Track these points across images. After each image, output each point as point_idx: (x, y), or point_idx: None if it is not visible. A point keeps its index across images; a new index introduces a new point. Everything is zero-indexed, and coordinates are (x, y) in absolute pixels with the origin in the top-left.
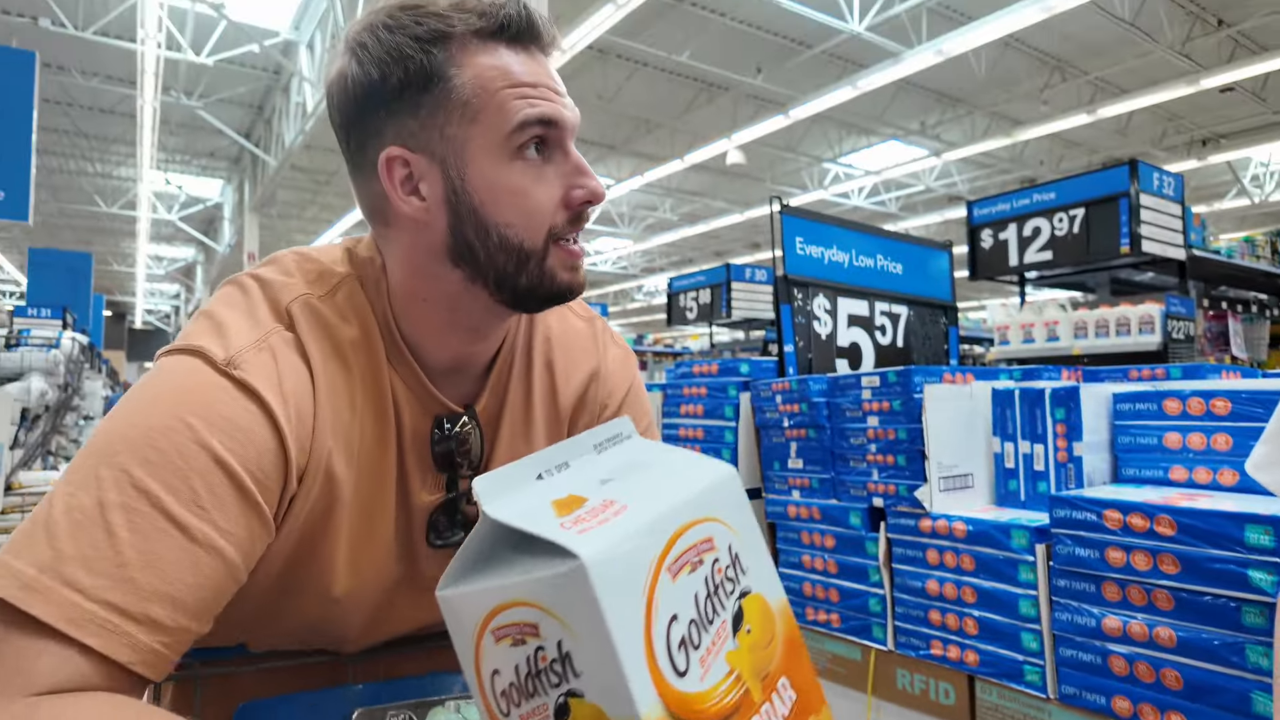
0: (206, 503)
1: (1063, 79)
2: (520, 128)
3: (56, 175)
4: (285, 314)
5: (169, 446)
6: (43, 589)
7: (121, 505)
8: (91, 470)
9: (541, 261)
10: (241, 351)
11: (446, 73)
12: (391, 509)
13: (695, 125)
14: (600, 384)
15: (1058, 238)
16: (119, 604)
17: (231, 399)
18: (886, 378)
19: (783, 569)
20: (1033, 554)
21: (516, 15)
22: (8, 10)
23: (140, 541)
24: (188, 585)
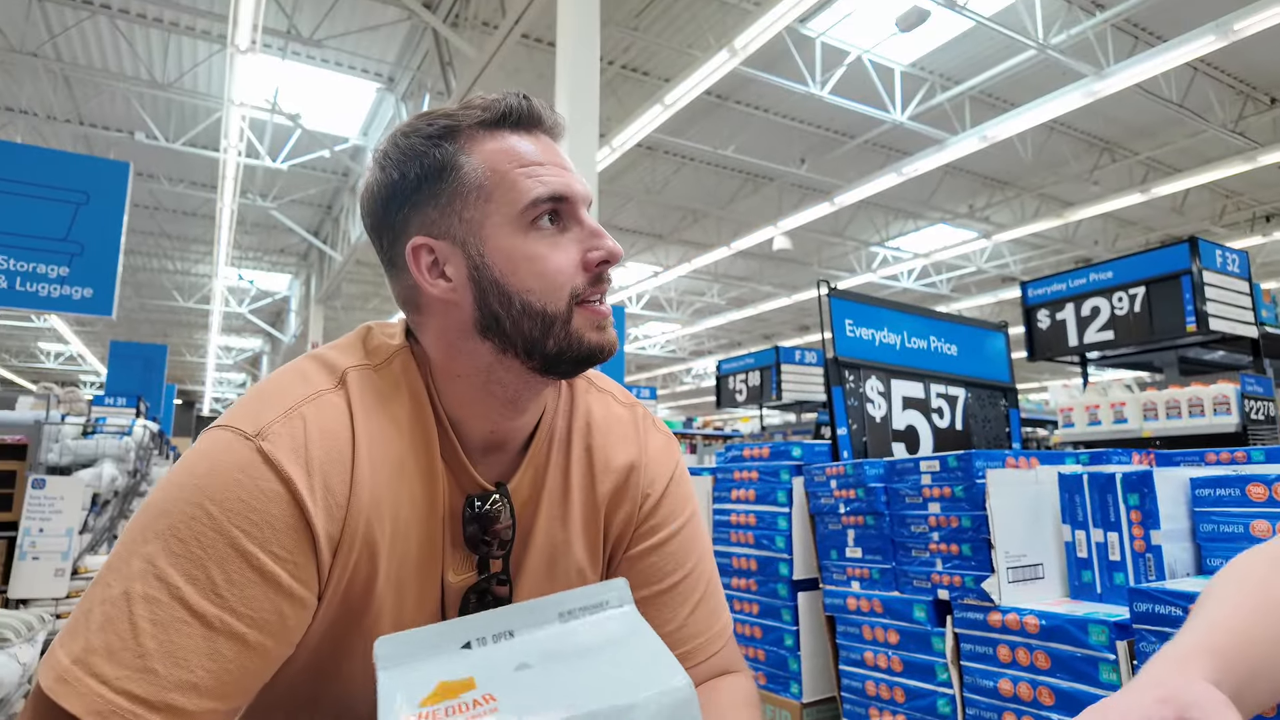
0: (224, 590)
1: (1112, 160)
2: (532, 204)
3: (140, 273)
4: (341, 378)
5: (189, 536)
6: (73, 680)
7: (144, 597)
8: (125, 557)
9: (567, 324)
10: (271, 423)
11: (458, 161)
12: (436, 586)
13: (741, 214)
14: (641, 474)
15: (1118, 317)
16: (139, 694)
17: (251, 480)
18: (946, 462)
19: (844, 665)
20: (1114, 651)
21: (518, 104)
22: (108, 126)
23: (160, 632)
24: (208, 671)
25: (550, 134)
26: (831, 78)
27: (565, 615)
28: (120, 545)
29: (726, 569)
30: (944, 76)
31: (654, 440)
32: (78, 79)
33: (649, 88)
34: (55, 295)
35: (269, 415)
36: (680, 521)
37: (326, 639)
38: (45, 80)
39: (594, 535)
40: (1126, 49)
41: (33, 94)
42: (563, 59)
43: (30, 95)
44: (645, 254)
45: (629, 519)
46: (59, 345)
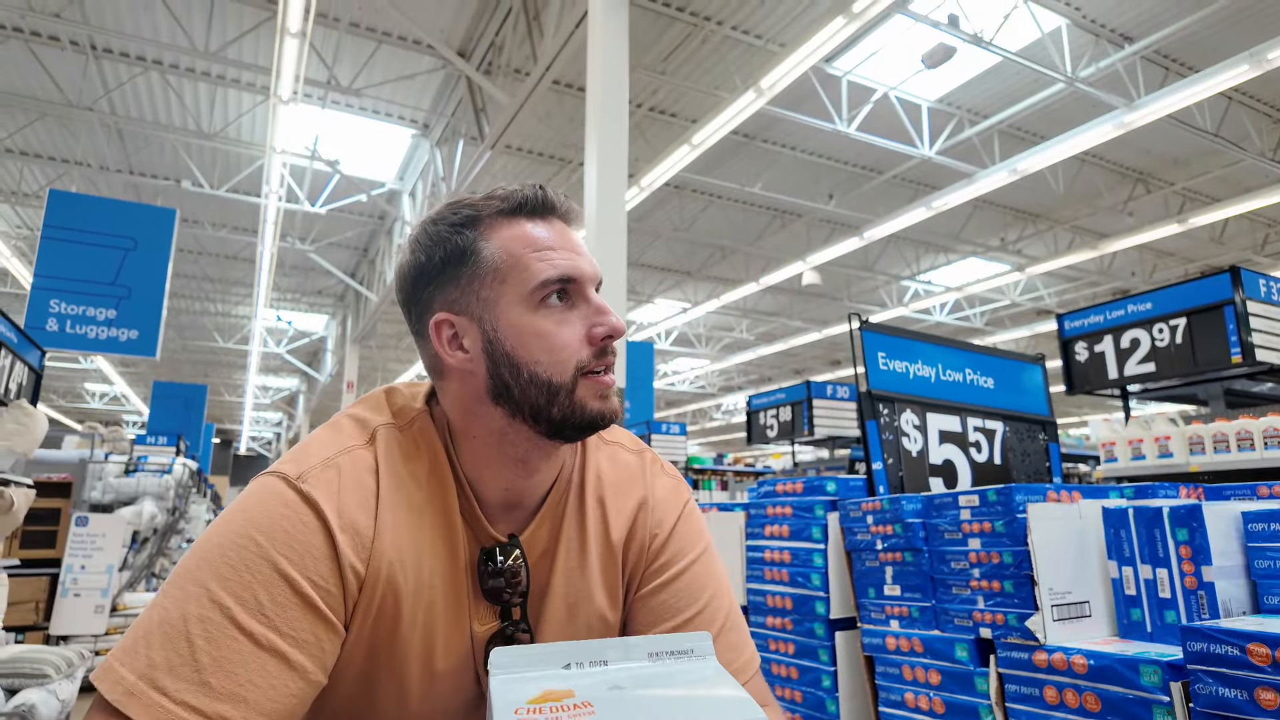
0: (270, 611)
1: (1147, 191)
2: (542, 285)
3: (183, 315)
4: (372, 435)
5: (239, 562)
6: (139, 694)
7: (199, 617)
8: (181, 584)
9: (571, 393)
10: (311, 469)
11: (477, 246)
12: (465, 633)
13: (769, 250)
14: (649, 512)
15: (1159, 349)
16: (195, 704)
17: (293, 513)
18: (986, 496)
19: (884, 707)
20: (1168, 694)
21: (533, 195)
22: (156, 175)
23: (214, 650)
24: (256, 686)
25: (564, 219)
26: (858, 115)
27: (654, 655)
28: (176, 576)
29: (761, 607)
30: (972, 111)
31: (661, 482)
32: (129, 131)
33: (677, 129)
34: (103, 337)
35: (309, 464)
36: (691, 558)
37: (359, 680)
38: (100, 133)
39: (613, 582)
40: (1157, 80)
41: (88, 146)
42: (593, 103)
43: (85, 148)
44: (674, 290)
45: (639, 558)
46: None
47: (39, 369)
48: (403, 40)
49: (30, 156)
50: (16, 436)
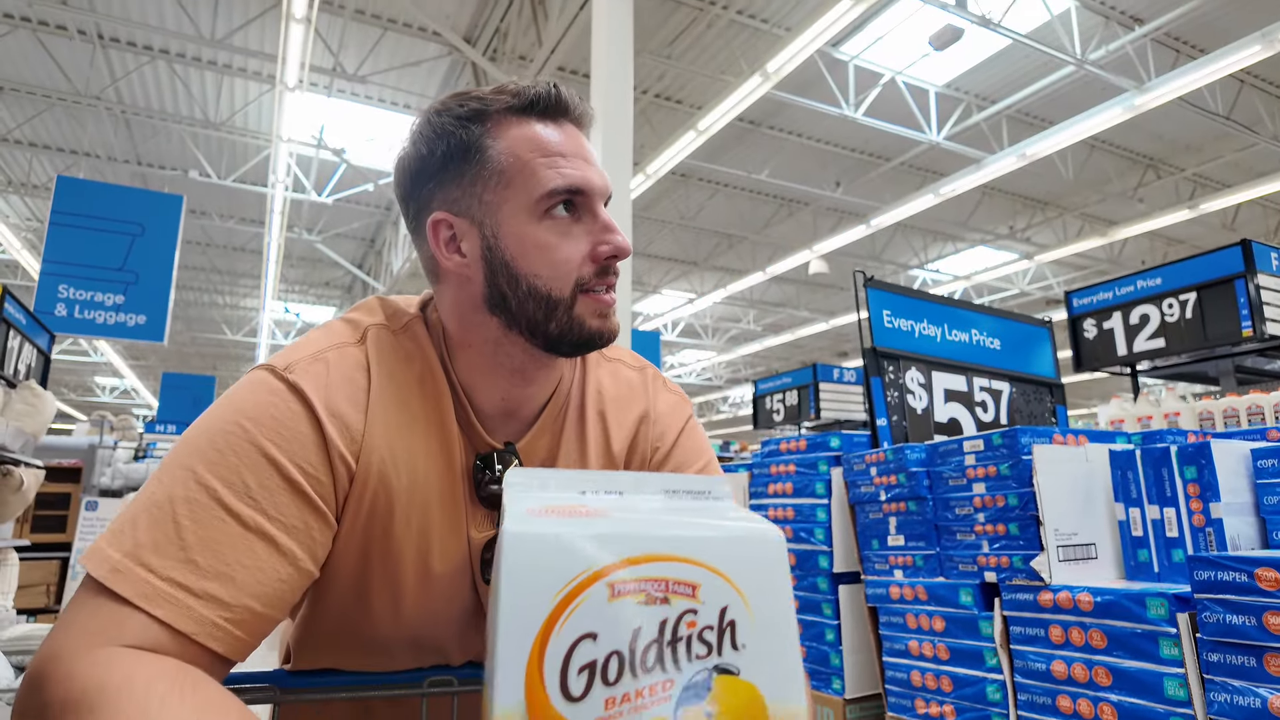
0: (257, 494)
1: (1158, 176)
2: (548, 195)
3: (191, 307)
4: (362, 334)
5: (225, 446)
6: (125, 570)
7: (185, 499)
8: (168, 469)
9: (570, 309)
10: (299, 360)
11: (483, 145)
12: (462, 539)
13: (776, 238)
14: (650, 426)
15: (1169, 324)
16: (182, 581)
17: (281, 401)
18: (991, 440)
19: (887, 657)
20: (1174, 625)
21: (546, 93)
22: (163, 165)
23: (200, 529)
24: (244, 567)
25: (577, 124)
26: (865, 100)
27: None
28: (163, 463)
29: None
30: (980, 96)
31: (663, 398)
32: (136, 121)
33: (682, 115)
34: (111, 322)
35: (297, 357)
36: (694, 470)
37: (353, 580)
38: (107, 122)
39: None
40: (1168, 63)
41: (95, 136)
42: (597, 89)
43: (93, 137)
44: (680, 281)
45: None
46: (114, 380)
47: (47, 352)
48: (408, 27)
49: (39, 147)
50: (25, 417)
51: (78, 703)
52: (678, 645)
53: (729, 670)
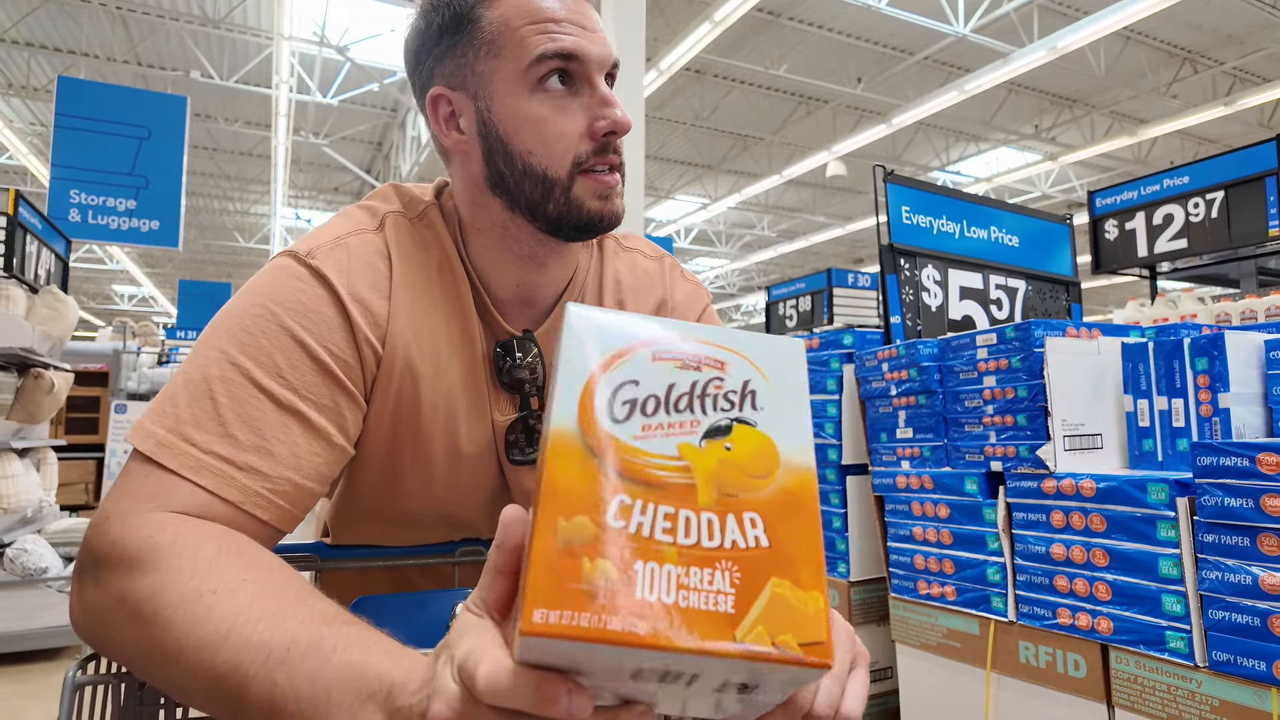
0: (288, 374)
1: (1194, 71)
2: (538, 60)
3: (203, 214)
4: (380, 221)
5: (254, 329)
6: (169, 445)
7: (221, 378)
8: (201, 352)
9: (567, 190)
10: (320, 246)
11: (476, 14)
12: (486, 422)
13: (794, 139)
14: (669, 313)
15: (1193, 224)
16: (223, 454)
17: (306, 285)
18: (1004, 333)
19: (892, 543)
20: (1173, 509)
21: None
22: (164, 66)
23: (236, 406)
24: (280, 442)
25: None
26: None
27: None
28: (196, 347)
29: None
30: None
31: (681, 286)
32: (134, 18)
33: (697, 4)
34: (125, 228)
35: (318, 242)
36: None
37: (385, 460)
38: (104, 20)
39: None
40: None
41: (92, 35)
42: None
43: (90, 37)
44: (693, 185)
45: None
46: (132, 288)
47: (65, 258)
48: None
49: (36, 47)
50: (50, 321)
51: (131, 560)
52: (705, 399)
53: (747, 422)
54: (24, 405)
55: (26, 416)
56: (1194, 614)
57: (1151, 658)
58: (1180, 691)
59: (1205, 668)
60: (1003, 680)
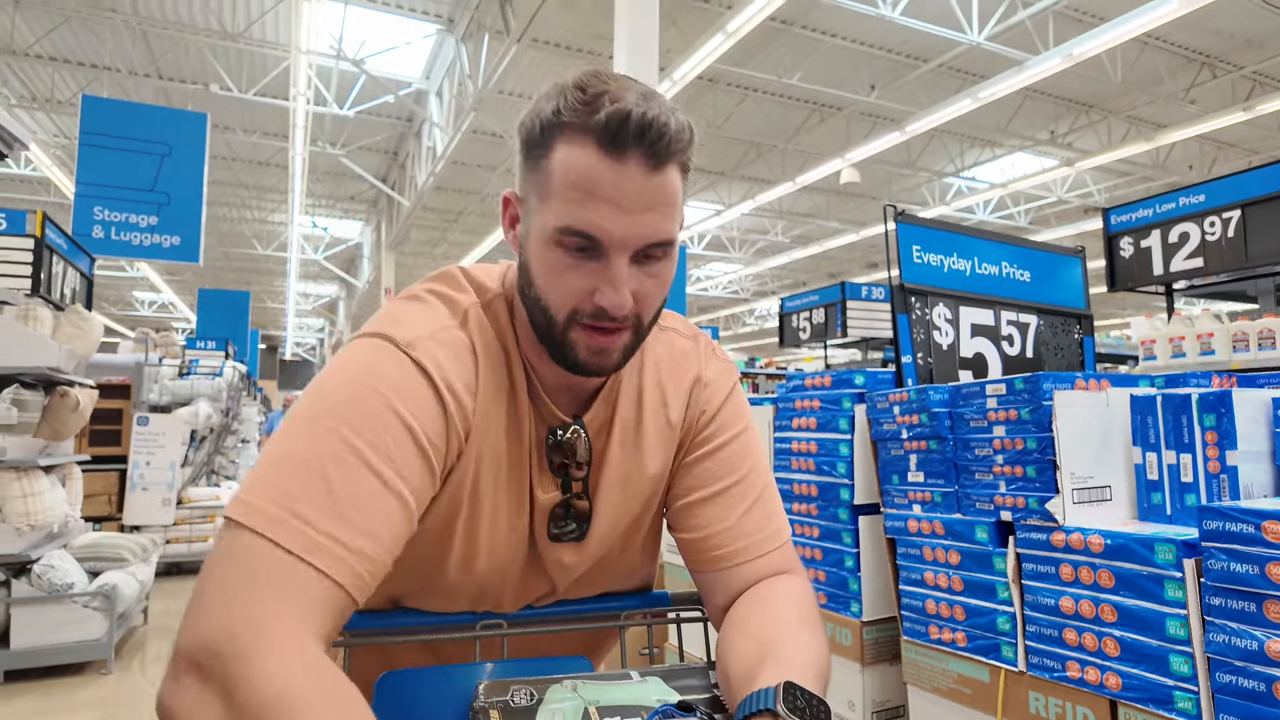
0: (395, 456)
1: (1213, 76)
2: (561, 229)
3: (222, 223)
4: (464, 316)
5: (369, 411)
6: (282, 522)
7: (334, 457)
8: (308, 428)
9: (564, 333)
10: (419, 339)
11: (547, 150)
12: (526, 503)
13: (807, 146)
14: (701, 389)
15: (1209, 243)
16: (336, 534)
17: (411, 375)
18: (1013, 384)
19: (904, 585)
20: (1180, 570)
21: (612, 122)
22: (184, 79)
23: (349, 488)
24: (383, 523)
25: (649, 157)
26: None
27: None
28: (299, 422)
29: (787, 495)
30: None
31: (713, 364)
32: (154, 33)
33: (711, 15)
34: (147, 244)
35: (415, 334)
36: (733, 432)
37: (437, 534)
38: (125, 35)
39: (668, 455)
40: None
41: (114, 50)
42: None
43: (113, 51)
44: (707, 191)
45: (689, 431)
46: (152, 294)
47: (89, 275)
48: None
49: (60, 62)
50: (76, 340)
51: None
52: None
53: None
54: (50, 423)
55: (53, 434)
56: (1201, 675)
57: (1160, 716)
58: None
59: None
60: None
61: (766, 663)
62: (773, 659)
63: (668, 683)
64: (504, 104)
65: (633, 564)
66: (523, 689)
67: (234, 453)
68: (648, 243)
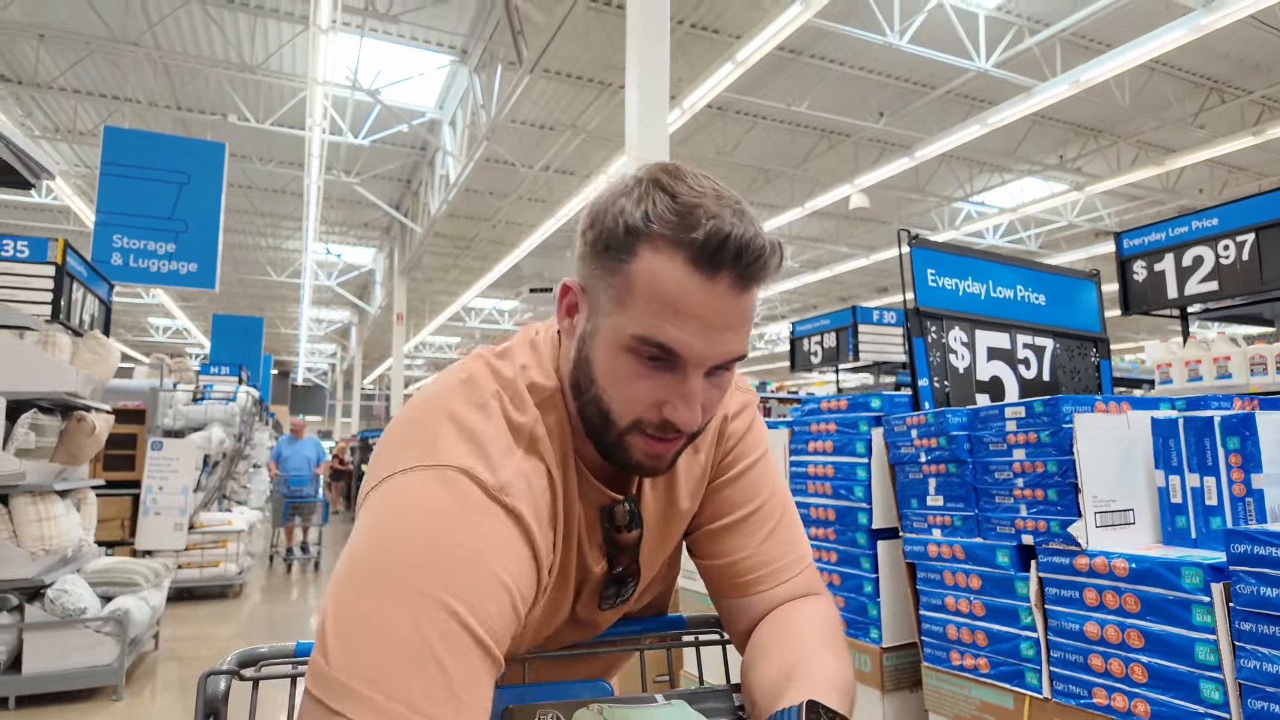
0: (495, 623)
1: (1221, 100)
2: (641, 338)
3: (237, 250)
4: (529, 439)
5: (470, 576)
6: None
7: (441, 634)
8: (406, 598)
9: (623, 436)
10: (511, 481)
11: (630, 255)
12: (574, 583)
13: (816, 172)
14: (727, 424)
15: (1224, 266)
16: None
17: (506, 527)
18: (1032, 408)
19: (924, 611)
20: (1208, 594)
21: (709, 241)
22: (203, 110)
23: (459, 665)
24: (485, 694)
25: (741, 278)
26: (911, 26)
27: None
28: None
29: (805, 519)
30: (1032, 19)
31: (737, 398)
32: (174, 66)
33: (720, 45)
34: (164, 271)
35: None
36: (753, 459)
37: None
38: (146, 67)
39: (699, 489)
40: None
41: (135, 82)
42: (633, 21)
43: (134, 84)
44: None
45: (716, 465)
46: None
47: (108, 302)
48: None
49: (82, 94)
50: (94, 365)
51: None
52: None
53: None
54: (67, 447)
55: (69, 458)
56: (1233, 703)
57: None
58: None
59: None
60: None
61: (791, 684)
62: (797, 680)
63: (693, 705)
64: (516, 133)
65: (654, 591)
66: (549, 713)
67: (245, 477)
68: (727, 360)
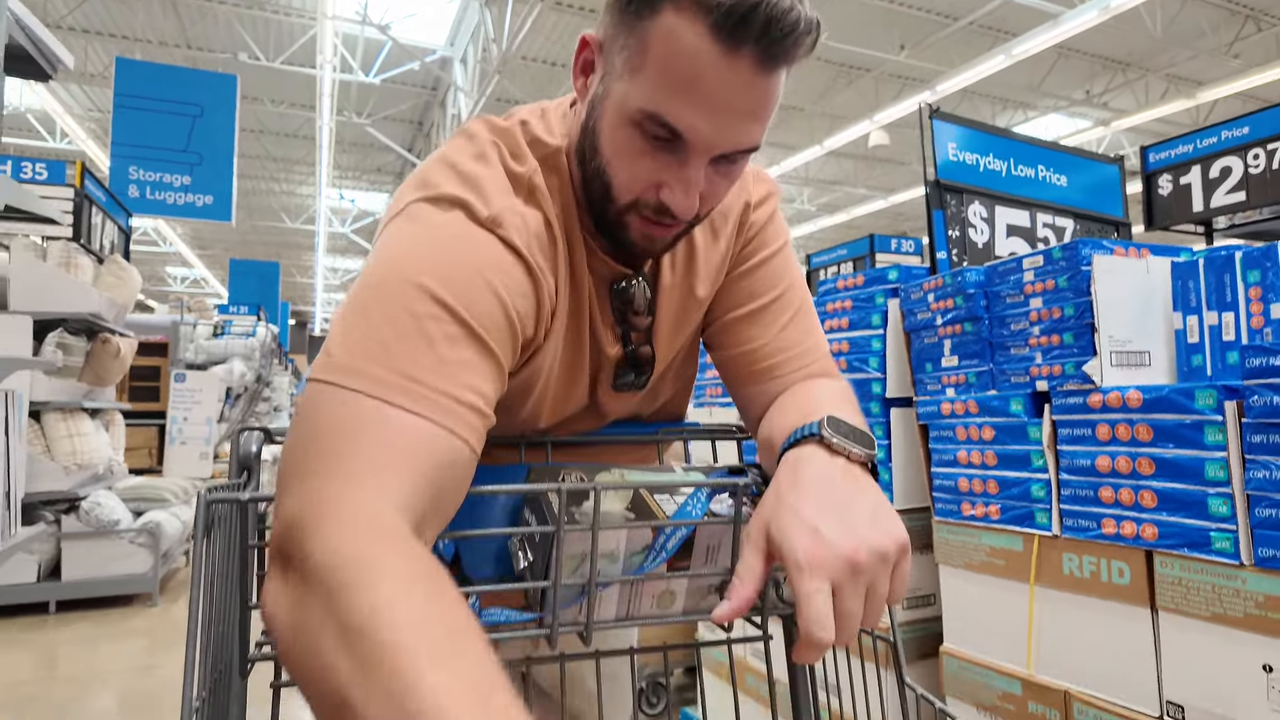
0: (490, 325)
1: (1258, 29)
2: (647, 113)
3: (251, 196)
4: (528, 187)
5: (464, 279)
6: (393, 384)
7: (432, 316)
8: (396, 286)
9: (621, 214)
10: (502, 212)
11: (652, 11)
12: (587, 360)
13: (834, 109)
14: (750, 212)
15: (1253, 176)
16: (452, 393)
17: (501, 253)
18: (1051, 254)
19: (936, 468)
20: (1221, 413)
21: (735, 6)
22: (213, 49)
23: (455, 350)
24: (490, 384)
25: (764, 57)
26: None
27: None
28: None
29: None
30: None
31: (760, 187)
32: (184, 3)
33: None
34: (181, 203)
35: (498, 208)
36: (773, 249)
37: (501, 402)
38: (156, 6)
39: (718, 276)
40: None
41: (145, 22)
42: None
43: (144, 23)
44: None
45: (736, 253)
46: (184, 270)
47: (127, 229)
48: None
49: (92, 34)
50: (115, 289)
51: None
52: None
53: None
54: (93, 368)
55: (95, 379)
56: (1240, 513)
57: (1196, 559)
58: (1225, 590)
59: (1251, 565)
60: (1046, 593)
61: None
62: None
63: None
64: (527, 70)
65: (669, 388)
66: (573, 473)
67: (267, 419)
68: (735, 149)
